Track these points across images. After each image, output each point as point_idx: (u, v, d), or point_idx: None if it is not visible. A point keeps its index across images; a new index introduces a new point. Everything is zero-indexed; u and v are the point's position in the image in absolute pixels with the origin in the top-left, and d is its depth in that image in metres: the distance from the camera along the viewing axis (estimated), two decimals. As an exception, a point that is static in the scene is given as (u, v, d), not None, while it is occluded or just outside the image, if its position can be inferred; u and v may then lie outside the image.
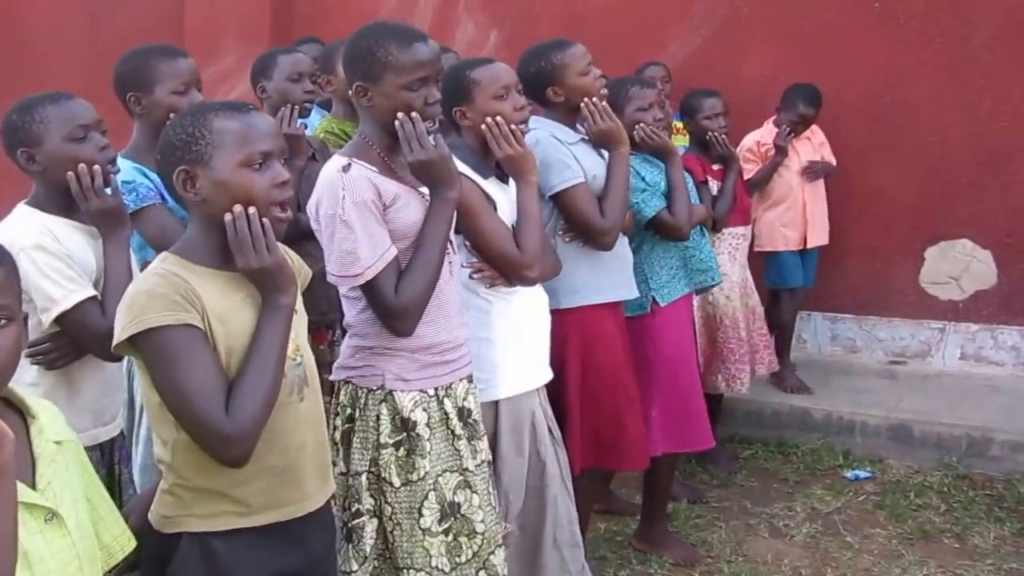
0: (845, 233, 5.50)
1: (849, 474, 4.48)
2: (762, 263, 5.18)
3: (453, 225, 2.53)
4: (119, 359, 2.34)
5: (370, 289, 2.37)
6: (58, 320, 2.33)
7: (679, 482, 4.23)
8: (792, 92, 5.17)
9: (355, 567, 2.40)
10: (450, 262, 2.51)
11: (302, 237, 2.52)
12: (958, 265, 5.41)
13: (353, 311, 2.48)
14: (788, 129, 5.10)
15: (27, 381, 2.32)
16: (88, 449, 2.28)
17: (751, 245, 4.90)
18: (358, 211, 2.33)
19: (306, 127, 3.55)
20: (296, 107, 3.35)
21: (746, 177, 5.05)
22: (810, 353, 5.62)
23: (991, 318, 5.34)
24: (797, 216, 5.15)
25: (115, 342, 1.84)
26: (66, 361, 2.39)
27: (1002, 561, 3.70)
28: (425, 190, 2.45)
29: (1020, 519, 4.03)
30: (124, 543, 1.70)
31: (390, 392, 2.42)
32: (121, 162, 2.79)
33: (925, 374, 5.33)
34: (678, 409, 3.62)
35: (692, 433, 3.67)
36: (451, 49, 4.13)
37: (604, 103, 3.25)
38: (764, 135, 5.21)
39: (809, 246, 5.20)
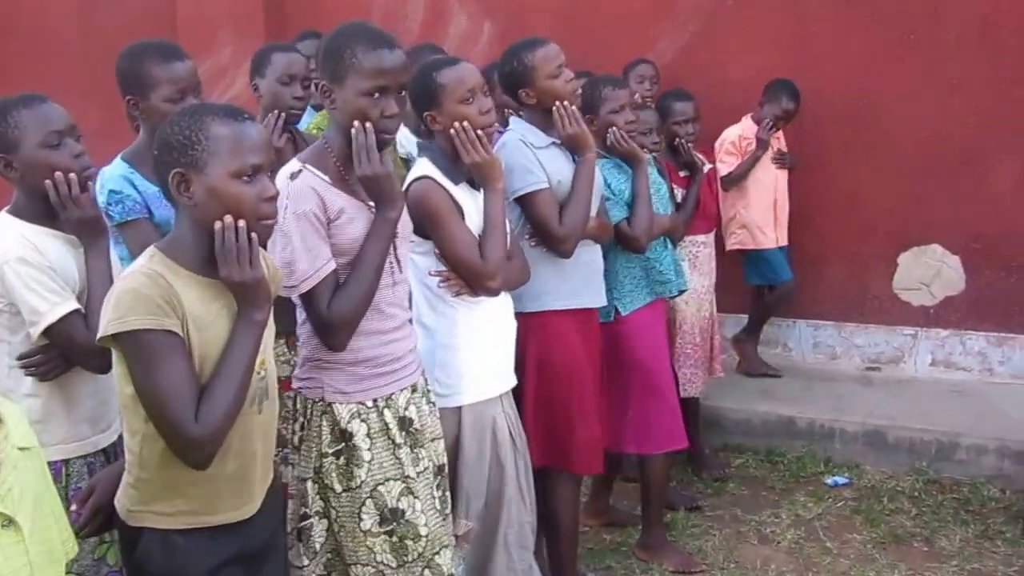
0: (826, 238, 5.61)
1: (829, 480, 4.71)
2: (740, 262, 5.31)
3: (409, 238, 2.57)
4: (106, 371, 2.33)
5: (305, 301, 2.40)
6: (45, 333, 2.35)
7: (677, 491, 4.51)
8: (776, 86, 5.25)
9: (306, 562, 2.52)
10: (395, 282, 2.52)
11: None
12: (929, 271, 5.53)
13: (299, 320, 2.52)
14: (771, 123, 5.19)
15: (24, 392, 2.40)
16: (92, 455, 2.50)
17: (723, 248, 5.02)
18: (298, 223, 2.34)
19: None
20: (283, 114, 3.25)
21: (726, 172, 5.21)
22: (795, 361, 5.77)
23: (959, 324, 5.48)
24: (771, 214, 5.33)
25: (99, 335, 1.92)
26: (58, 372, 2.42)
27: (965, 562, 4.00)
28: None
29: (983, 521, 4.32)
30: (69, 548, 1.72)
31: (329, 404, 2.46)
32: (117, 165, 2.79)
33: (898, 379, 5.50)
34: (651, 411, 3.71)
35: (664, 434, 3.76)
36: (442, 48, 4.05)
37: (574, 107, 3.20)
38: (745, 130, 5.29)
39: (781, 243, 5.38)
